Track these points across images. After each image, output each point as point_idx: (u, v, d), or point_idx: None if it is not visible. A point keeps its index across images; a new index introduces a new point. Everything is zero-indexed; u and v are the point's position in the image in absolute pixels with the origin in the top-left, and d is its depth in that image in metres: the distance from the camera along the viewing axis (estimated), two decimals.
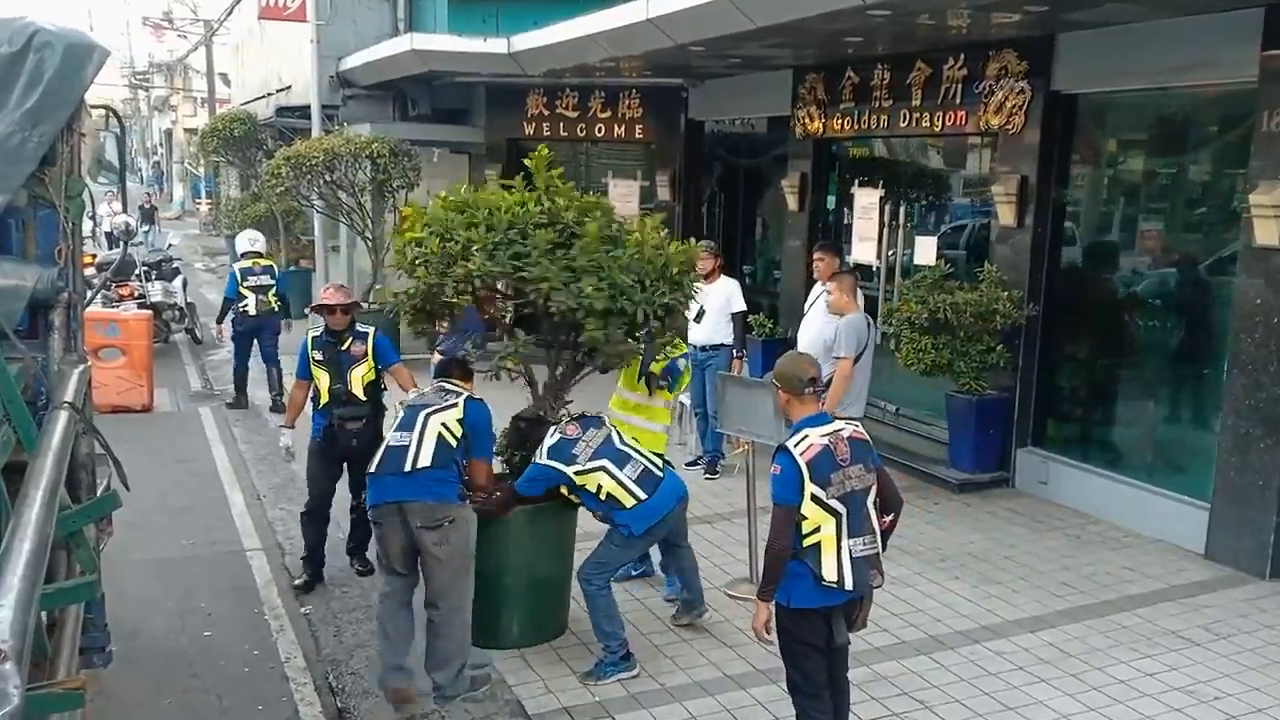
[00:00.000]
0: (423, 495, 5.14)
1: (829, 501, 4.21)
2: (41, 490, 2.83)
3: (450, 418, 5.28)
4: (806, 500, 4.19)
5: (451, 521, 5.14)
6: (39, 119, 3.85)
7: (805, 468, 4.18)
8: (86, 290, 4.94)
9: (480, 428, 5.37)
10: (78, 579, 3.56)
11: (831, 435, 4.31)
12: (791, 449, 4.24)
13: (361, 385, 6.77)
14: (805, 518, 4.20)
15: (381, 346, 6.93)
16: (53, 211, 4.14)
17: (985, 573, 6.99)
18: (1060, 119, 8.36)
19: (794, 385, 4.44)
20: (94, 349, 11.20)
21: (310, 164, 12.99)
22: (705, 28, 8.79)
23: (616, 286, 5.34)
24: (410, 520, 5.14)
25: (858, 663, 5.64)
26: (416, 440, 5.21)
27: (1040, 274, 8.55)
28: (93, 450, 4.39)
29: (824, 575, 4.22)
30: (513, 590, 5.78)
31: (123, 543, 7.10)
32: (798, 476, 4.19)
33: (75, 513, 3.61)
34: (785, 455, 4.26)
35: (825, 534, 4.21)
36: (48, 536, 2.67)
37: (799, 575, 4.25)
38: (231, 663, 5.86)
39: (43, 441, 3.29)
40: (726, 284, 8.95)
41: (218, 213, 28.57)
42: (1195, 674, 5.61)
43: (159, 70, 48.74)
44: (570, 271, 5.32)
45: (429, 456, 5.17)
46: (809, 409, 4.43)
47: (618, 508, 5.45)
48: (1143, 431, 8.12)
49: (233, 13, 25.08)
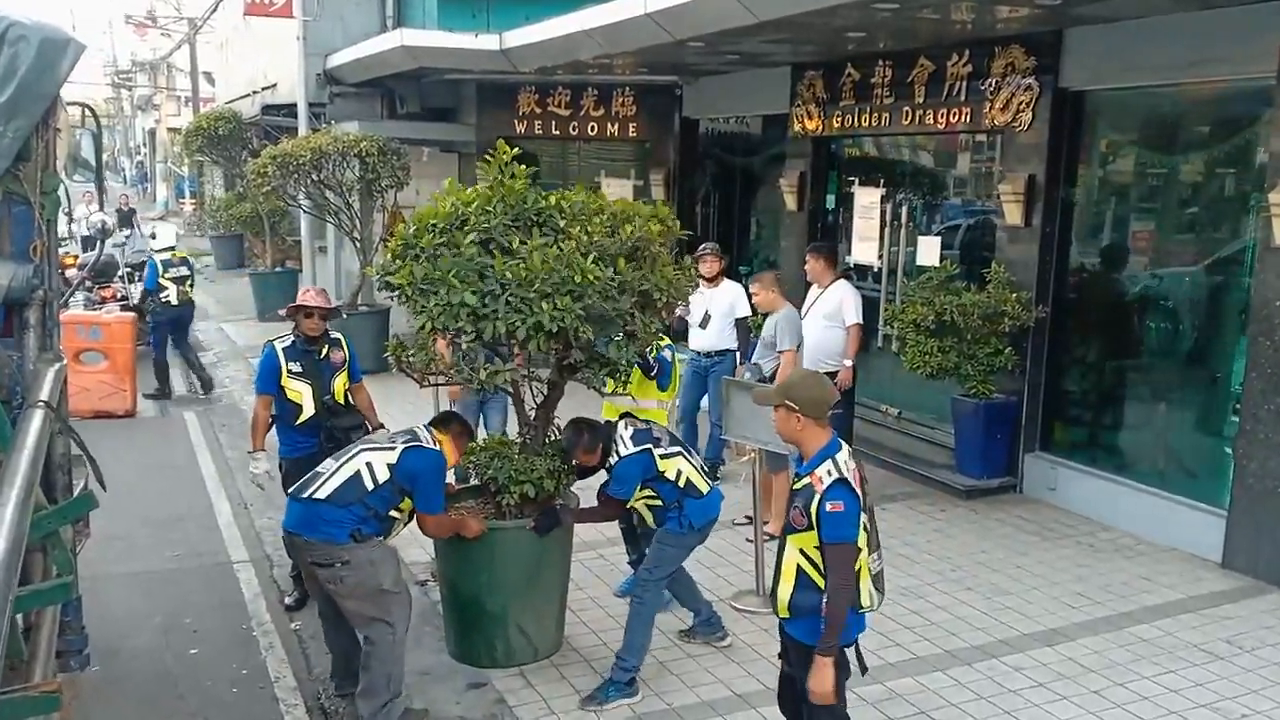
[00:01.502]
0: (308, 531, 4.86)
1: (865, 525, 3.97)
2: (16, 489, 2.80)
3: (380, 460, 4.93)
4: (859, 529, 3.91)
5: (345, 563, 4.83)
6: (13, 113, 3.75)
7: (862, 496, 3.91)
8: (64, 288, 4.83)
9: (421, 479, 4.97)
10: (54, 580, 3.50)
11: (854, 456, 4.05)
12: (851, 480, 3.88)
13: (343, 393, 6.45)
14: (858, 549, 3.92)
15: (354, 356, 6.58)
16: (27, 208, 4.04)
17: (997, 583, 6.80)
18: (1069, 116, 8.17)
19: (819, 410, 4.02)
20: (75, 352, 10.96)
21: (297, 163, 12.72)
22: (706, 22, 8.57)
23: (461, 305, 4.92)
24: (301, 553, 4.99)
25: (872, 679, 5.46)
26: (332, 472, 4.92)
27: (1048, 275, 8.36)
28: (69, 451, 4.31)
29: (862, 601, 3.97)
30: (501, 610, 5.52)
31: (105, 555, 6.90)
32: (859, 509, 3.88)
33: (51, 513, 3.54)
34: (845, 490, 3.85)
35: (862, 559, 3.95)
36: (23, 537, 2.67)
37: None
38: (219, 683, 5.62)
39: (17, 440, 3.25)
40: (731, 289, 8.74)
41: (202, 213, 28.27)
42: (1221, 690, 5.43)
43: (142, 69, 48.34)
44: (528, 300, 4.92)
45: (330, 489, 4.85)
46: (827, 435, 4.05)
47: (693, 495, 5.27)
48: (1155, 436, 7.93)
49: (217, 9, 24.77)
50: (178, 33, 37.15)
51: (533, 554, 5.51)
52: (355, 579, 4.86)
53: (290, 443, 6.41)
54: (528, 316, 4.88)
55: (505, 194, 5.26)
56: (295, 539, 4.98)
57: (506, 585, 5.49)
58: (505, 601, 5.51)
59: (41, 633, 3.40)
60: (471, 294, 4.89)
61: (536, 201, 5.28)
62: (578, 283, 4.92)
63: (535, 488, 5.39)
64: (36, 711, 2.72)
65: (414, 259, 5.09)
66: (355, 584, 4.87)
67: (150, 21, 40.00)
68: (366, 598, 4.89)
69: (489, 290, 4.91)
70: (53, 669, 3.48)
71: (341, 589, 4.89)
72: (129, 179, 56.38)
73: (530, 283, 4.88)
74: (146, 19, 40.35)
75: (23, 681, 2.90)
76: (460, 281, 4.92)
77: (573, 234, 5.12)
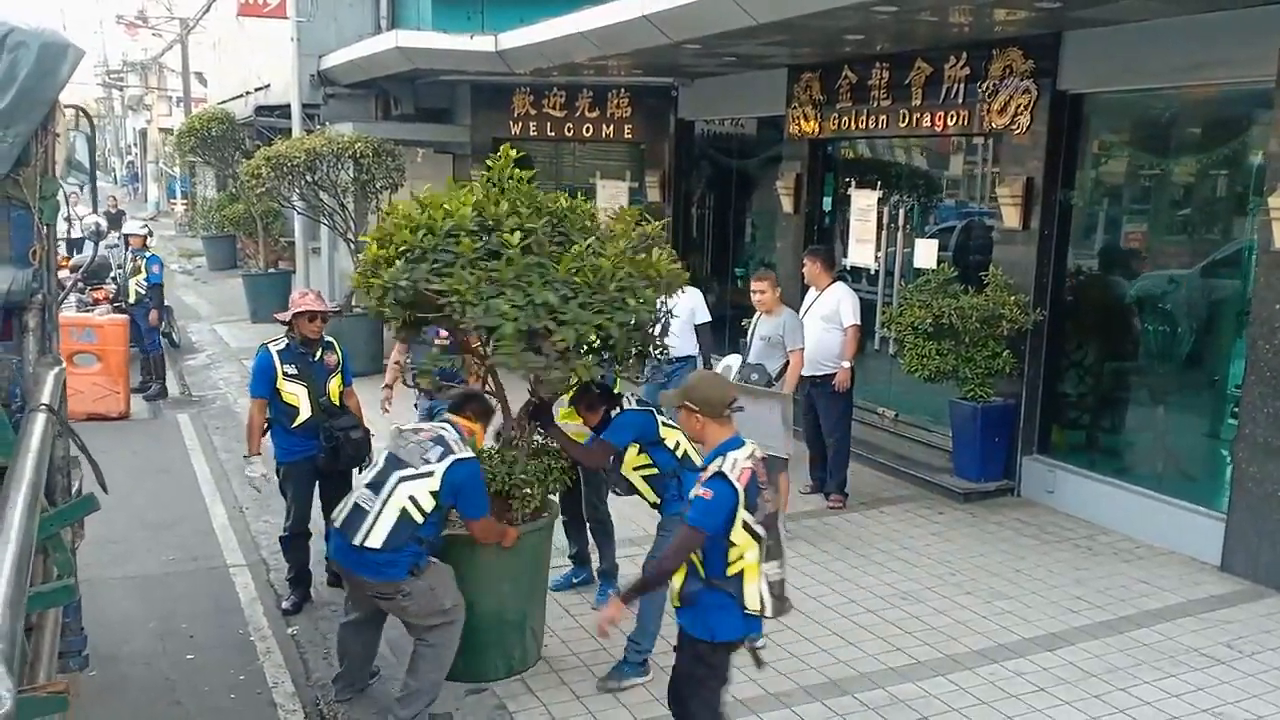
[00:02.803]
0: (366, 574, 4.89)
1: (755, 527, 4.00)
2: (23, 493, 2.82)
3: (422, 490, 4.82)
4: (737, 527, 3.96)
5: (406, 594, 4.87)
6: (13, 119, 3.75)
7: (743, 493, 3.95)
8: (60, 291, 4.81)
9: (466, 490, 4.92)
10: (56, 582, 3.49)
11: (752, 458, 4.08)
12: (730, 474, 3.97)
13: (337, 397, 6.42)
14: (734, 544, 3.97)
15: (346, 360, 6.58)
16: (26, 212, 4.03)
17: (997, 587, 6.78)
18: (1067, 119, 8.17)
19: (716, 410, 4.15)
20: (69, 355, 10.88)
21: (291, 164, 12.67)
22: (703, 25, 8.55)
23: (544, 305, 4.75)
24: (361, 589, 5.05)
25: (873, 685, 5.47)
26: (377, 512, 4.81)
27: (1046, 278, 8.35)
28: (68, 453, 4.30)
29: (748, 604, 4.02)
30: (520, 616, 5.51)
31: (100, 559, 6.86)
32: (733, 503, 3.94)
33: (53, 516, 3.54)
34: (722, 481, 3.97)
35: (749, 561, 4.01)
36: (31, 541, 2.68)
37: (721, 606, 4.03)
38: (216, 689, 5.57)
39: (22, 444, 3.26)
40: (691, 294, 8.60)
41: (194, 213, 28.16)
42: (1222, 694, 5.42)
43: (133, 69, 48.14)
44: (492, 284, 4.79)
45: (380, 538, 4.76)
46: (727, 432, 4.16)
47: (691, 468, 5.17)
48: (1153, 440, 7.93)
49: (209, 10, 24.68)
50: (169, 33, 37.01)
51: (542, 554, 5.60)
52: (416, 606, 4.92)
53: (287, 447, 6.36)
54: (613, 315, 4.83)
55: (520, 197, 5.18)
56: (350, 576, 5.08)
57: (525, 590, 5.51)
58: (524, 607, 5.51)
59: (44, 634, 3.40)
60: (552, 294, 4.77)
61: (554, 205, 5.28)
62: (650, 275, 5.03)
63: (559, 485, 5.45)
64: (46, 711, 2.72)
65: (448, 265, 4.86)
66: (417, 609, 4.94)
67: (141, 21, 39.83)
68: (427, 615, 4.95)
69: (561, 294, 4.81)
70: (55, 669, 3.47)
71: (406, 614, 5.00)
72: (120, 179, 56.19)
73: (603, 286, 4.84)
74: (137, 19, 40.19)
75: (27, 682, 2.89)
76: (536, 282, 4.78)
77: (604, 236, 5.20)
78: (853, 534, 7.74)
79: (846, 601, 6.53)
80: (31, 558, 2.70)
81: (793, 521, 7.75)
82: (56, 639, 3.62)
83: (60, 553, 3.57)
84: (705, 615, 4.04)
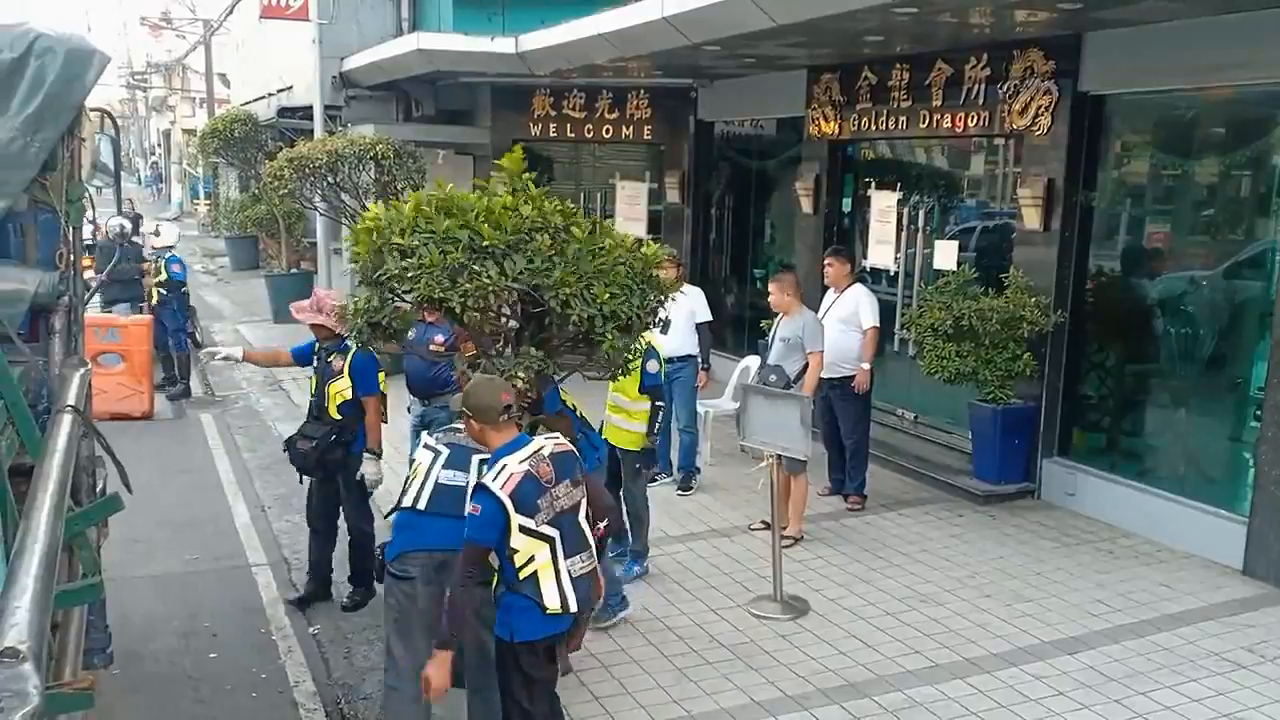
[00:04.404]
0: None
1: (540, 529, 4.02)
2: (50, 493, 2.87)
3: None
4: (515, 533, 3.99)
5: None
6: (40, 124, 3.81)
7: (508, 501, 3.98)
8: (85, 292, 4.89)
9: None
10: (82, 581, 3.56)
11: (532, 458, 4.09)
12: (491, 485, 4.00)
13: (336, 403, 6.39)
14: (516, 550, 4.01)
15: (358, 369, 6.34)
16: (53, 216, 4.11)
17: (1016, 590, 6.77)
18: (1088, 120, 8.13)
19: (489, 416, 4.17)
20: (93, 354, 11.00)
21: (313, 166, 12.75)
22: (723, 26, 8.55)
23: (625, 290, 4.90)
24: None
25: (891, 687, 5.47)
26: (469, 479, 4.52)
27: (1067, 279, 8.32)
28: (93, 453, 4.37)
29: (547, 604, 4.05)
30: None
31: (124, 559, 6.93)
32: (499, 513, 3.97)
33: (78, 515, 3.59)
34: (483, 493, 4.01)
35: (541, 562, 4.05)
36: (59, 540, 2.73)
37: (522, 608, 4.07)
38: (238, 687, 5.63)
39: (49, 445, 3.32)
40: (691, 293, 8.62)
41: (216, 214, 28.36)
42: (1243, 699, 5.39)
43: (157, 70, 48.49)
44: (578, 278, 4.82)
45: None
46: (506, 436, 4.19)
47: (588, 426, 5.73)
48: (1174, 442, 7.88)
49: (233, 12, 24.85)
50: (193, 34, 37.27)
51: None
52: None
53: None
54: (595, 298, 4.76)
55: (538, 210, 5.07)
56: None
57: None
58: None
59: (70, 631, 3.46)
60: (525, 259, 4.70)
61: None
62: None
63: None
64: (71, 708, 2.77)
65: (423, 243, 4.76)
66: None
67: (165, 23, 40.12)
68: None
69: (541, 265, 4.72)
70: (79, 666, 3.53)
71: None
72: (143, 180, 56.61)
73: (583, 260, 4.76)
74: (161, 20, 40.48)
75: (53, 679, 2.92)
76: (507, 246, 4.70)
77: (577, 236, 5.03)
78: (871, 536, 7.74)
79: (865, 604, 6.53)
80: (58, 556, 2.73)
81: (811, 523, 7.77)
82: (82, 636, 3.66)
83: (86, 551, 3.64)
84: (507, 616, 4.11)
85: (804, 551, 7.35)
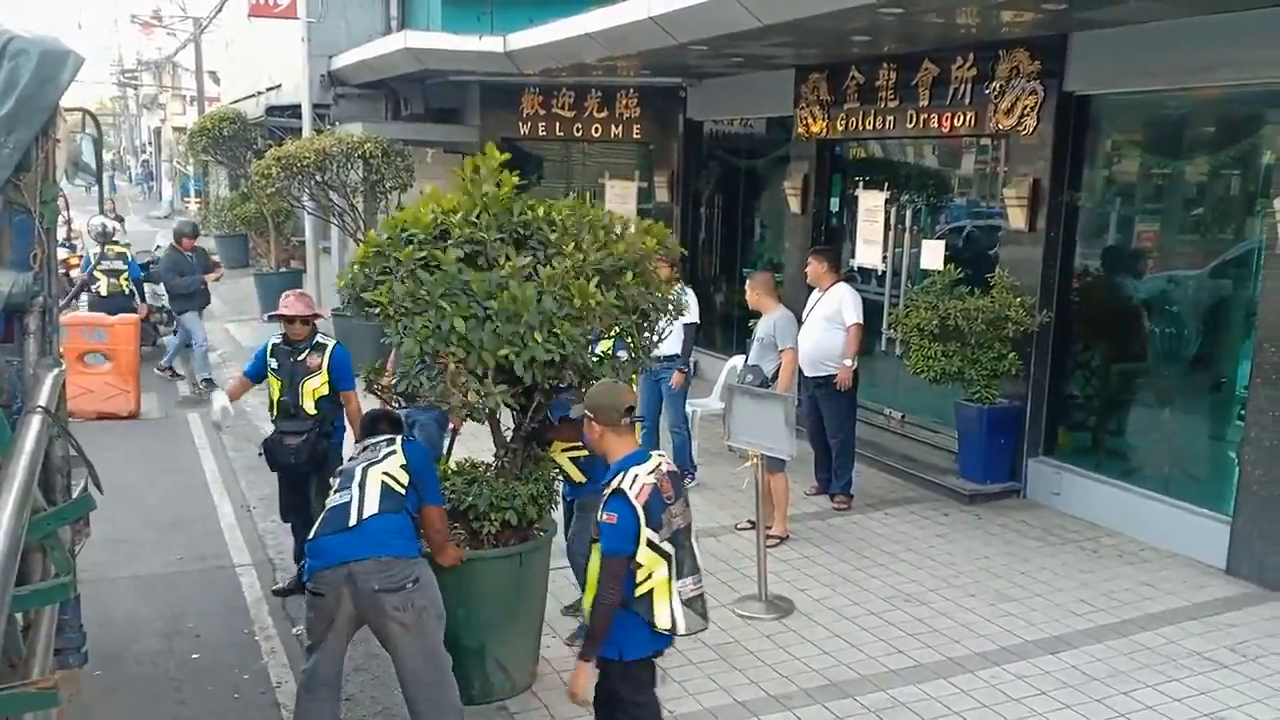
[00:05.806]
0: (375, 550, 4.46)
1: (661, 545, 3.95)
2: (13, 495, 2.88)
3: (392, 465, 4.75)
4: (641, 546, 3.92)
5: (415, 581, 4.48)
6: (14, 126, 3.78)
7: (641, 512, 3.91)
8: (68, 288, 4.87)
9: (424, 470, 4.85)
10: (52, 580, 3.56)
11: (656, 473, 4.03)
12: (629, 492, 3.92)
13: (313, 399, 6.46)
14: (640, 565, 3.94)
15: (338, 364, 6.51)
16: (27, 216, 4.06)
17: (1000, 589, 6.78)
18: (1073, 120, 8.14)
19: (611, 417, 4.10)
20: (79, 354, 10.97)
21: (301, 164, 12.72)
22: (709, 26, 8.55)
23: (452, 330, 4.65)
24: (363, 585, 4.42)
25: (874, 687, 5.48)
26: (358, 493, 4.64)
27: (1053, 279, 8.33)
28: (67, 453, 4.34)
29: (658, 623, 3.99)
30: (479, 646, 5.19)
31: (109, 559, 6.93)
32: (635, 523, 3.90)
33: (49, 515, 3.57)
34: (621, 500, 3.92)
35: (658, 579, 3.98)
36: (19, 539, 2.75)
37: (633, 626, 4.00)
38: (221, 688, 5.61)
39: (15, 445, 3.33)
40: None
41: (207, 212, 28.27)
42: (1225, 699, 5.40)
43: (147, 68, 48.37)
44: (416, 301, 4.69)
45: (375, 503, 4.59)
46: (628, 444, 4.12)
47: None
48: (1159, 442, 7.89)
49: (222, 9, 24.76)
50: (183, 32, 37.17)
51: (511, 584, 5.24)
52: (424, 598, 4.53)
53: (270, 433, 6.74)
54: (520, 350, 4.63)
55: (490, 204, 5.01)
56: (357, 567, 4.44)
57: (484, 619, 5.16)
58: (483, 637, 5.17)
59: (39, 631, 3.46)
60: (461, 319, 4.61)
61: (523, 214, 5.03)
62: (577, 306, 4.70)
63: (518, 515, 5.15)
64: (34, 707, 2.80)
65: (391, 274, 4.80)
66: (425, 605, 4.53)
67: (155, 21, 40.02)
68: (432, 623, 4.58)
69: (472, 314, 4.63)
70: (51, 666, 3.55)
71: (411, 616, 4.46)
72: (134, 178, 56.44)
73: (517, 316, 4.61)
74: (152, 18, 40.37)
75: (21, 678, 2.97)
76: (451, 305, 4.63)
77: (566, 251, 4.88)
78: (857, 535, 7.74)
79: (849, 603, 6.54)
80: (19, 557, 2.74)
81: (797, 523, 7.77)
82: (52, 636, 3.67)
83: (58, 551, 3.62)
84: (614, 633, 3.98)
85: (789, 551, 7.36)
